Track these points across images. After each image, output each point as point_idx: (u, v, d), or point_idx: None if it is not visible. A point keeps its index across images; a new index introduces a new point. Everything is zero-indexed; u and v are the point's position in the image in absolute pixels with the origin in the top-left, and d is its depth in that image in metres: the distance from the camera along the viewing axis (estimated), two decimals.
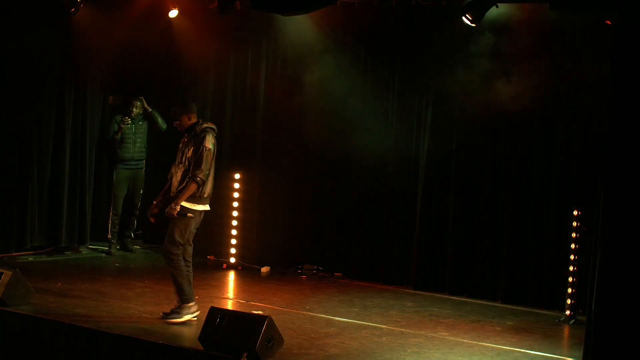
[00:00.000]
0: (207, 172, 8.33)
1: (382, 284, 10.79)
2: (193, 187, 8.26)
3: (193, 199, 8.32)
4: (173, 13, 11.50)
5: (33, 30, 10.97)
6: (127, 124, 11.70)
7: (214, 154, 8.42)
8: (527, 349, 8.14)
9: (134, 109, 11.78)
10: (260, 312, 8.22)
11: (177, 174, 8.43)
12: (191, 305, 8.37)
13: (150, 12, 11.58)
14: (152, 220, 8.67)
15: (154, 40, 11.81)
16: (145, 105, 11.86)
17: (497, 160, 10.13)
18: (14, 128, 11.08)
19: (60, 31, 11.19)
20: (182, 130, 8.55)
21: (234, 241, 11.57)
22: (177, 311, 8.33)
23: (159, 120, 11.88)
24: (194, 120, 8.55)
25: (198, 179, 8.25)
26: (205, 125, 8.51)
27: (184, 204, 8.27)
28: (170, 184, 8.51)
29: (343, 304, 9.68)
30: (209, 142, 8.37)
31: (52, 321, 7.99)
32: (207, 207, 8.54)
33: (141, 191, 12.07)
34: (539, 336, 8.70)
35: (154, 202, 8.62)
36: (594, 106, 9.34)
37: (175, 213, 8.25)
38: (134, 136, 11.80)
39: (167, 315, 8.35)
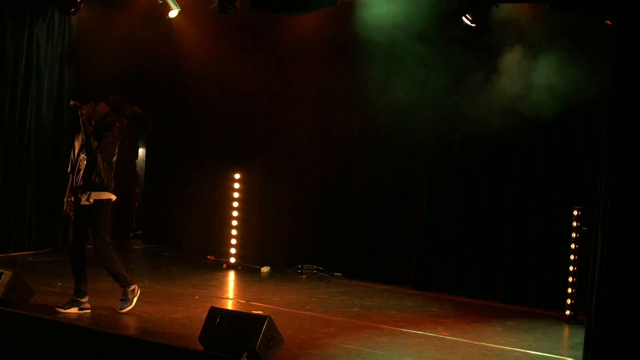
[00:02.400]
0: None
1: (382, 284, 10.80)
2: None
3: None
4: (173, 13, 11.49)
5: (33, 30, 10.98)
6: (125, 126, 11.72)
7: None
8: (527, 349, 8.13)
9: (132, 109, 11.79)
10: (260, 312, 8.22)
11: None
12: (133, 288, 8.57)
13: (150, 11, 11.58)
14: None
15: (154, 40, 11.81)
16: (136, 107, 11.84)
17: (497, 160, 10.13)
18: (13, 128, 11.07)
19: (60, 31, 11.20)
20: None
21: (234, 241, 11.58)
22: (128, 300, 8.52)
23: (148, 122, 11.91)
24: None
25: None
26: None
27: None
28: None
29: (343, 304, 9.68)
30: None
31: (52, 321, 7.99)
32: None
33: (137, 190, 12.09)
34: (539, 336, 8.70)
35: None
36: (594, 106, 9.34)
37: None
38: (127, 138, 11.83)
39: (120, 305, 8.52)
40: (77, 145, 8.55)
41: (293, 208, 11.52)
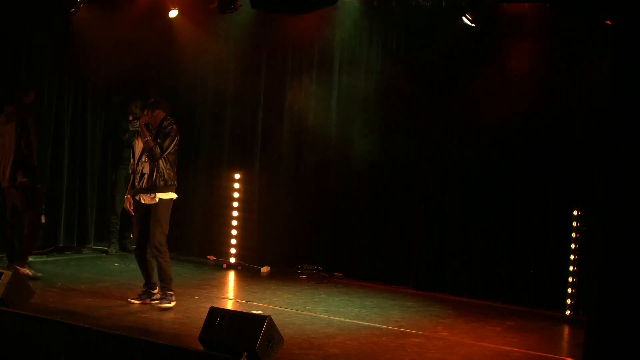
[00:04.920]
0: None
1: (382, 284, 10.80)
2: None
3: None
4: (173, 13, 11.50)
5: (33, 30, 10.97)
6: (136, 127, 11.73)
7: None
8: (527, 349, 8.13)
9: (136, 110, 11.78)
10: (260, 312, 8.22)
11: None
12: (172, 293, 8.92)
13: (150, 12, 11.58)
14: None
15: (154, 40, 11.81)
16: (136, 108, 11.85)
17: (497, 160, 10.13)
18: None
19: (60, 31, 11.19)
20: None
21: (234, 241, 11.58)
22: (170, 298, 8.84)
23: None
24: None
25: None
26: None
27: None
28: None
29: (343, 304, 9.68)
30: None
31: (52, 321, 7.98)
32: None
33: None
34: (539, 336, 8.70)
35: None
36: (593, 106, 9.34)
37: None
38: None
39: (162, 302, 8.81)
40: (137, 149, 8.91)
41: (293, 208, 11.52)
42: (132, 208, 8.94)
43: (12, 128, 9.72)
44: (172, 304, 8.82)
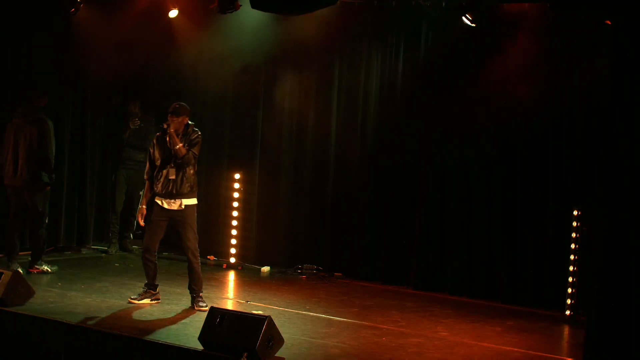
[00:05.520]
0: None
1: (382, 284, 10.80)
2: None
3: None
4: (173, 13, 11.50)
5: (33, 30, 10.97)
6: (137, 126, 11.74)
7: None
8: (527, 349, 8.13)
9: (136, 110, 11.79)
10: (260, 312, 8.22)
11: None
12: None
13: (150, 12, 11.58)
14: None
15: (154, 40, 11.81)
16: (136, 108, 11.84)
17: (497, 160, 10.13)
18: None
19: (60, 31, 11.19)
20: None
21: (234, 241, 11.58)
22: (203, 300, 8.93)
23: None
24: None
25: None
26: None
27: None
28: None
29: (343, 304, 9.68)
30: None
31: (52, 321, 7.99)
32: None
33: (140, 192, 12.05)
34: (539, 336, 8.70)
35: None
36: (593, 106, 9.34)
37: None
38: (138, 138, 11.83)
39: (198, 304, 8.89)
40: (157, 155, 8.88)
41: (293, 208, 11.52)
42: (143, 220, 8.91)
43: (30, 129, 9.90)
44: (207, 304, 8.83)
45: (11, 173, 9.96)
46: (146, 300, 8.95)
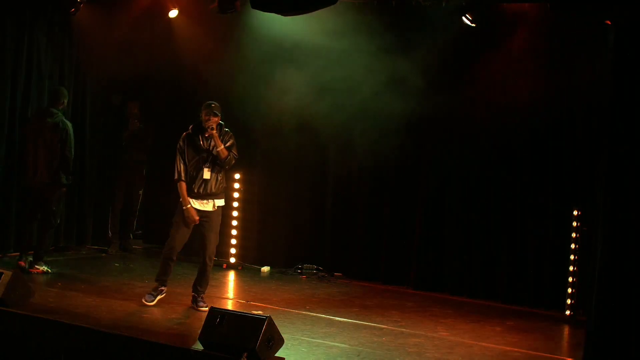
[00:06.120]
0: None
1: (382, 284, 10.80)
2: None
3: None
4: (173, 13, 11.50)
5: (33, 30, 10.97)
6: (137, 126, 11.74)
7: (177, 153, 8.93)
8: (527, 349, 8.14)
9: (136, 110, 11.79)
10: (260, 312, 8.22)
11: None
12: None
13: (150, 12, 11.57)
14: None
15: (154, 40, 11.80)
16: (136, 109, 11.84)
17: (497, 160, 10.14)
18: (13, 129, 11.06)
19: (60, 31, 11.20)
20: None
21: (234, 241, 11.58)
22: (204, 300, 8.95)
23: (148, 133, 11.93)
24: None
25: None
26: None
27: None
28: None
29: (343, 304, 9.69)
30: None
31: (52, 321, 7.98)
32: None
33: (140, 192, 12.07)
34: (539, 336, 8.70)
35: None
36: (593, 106, 9.34)
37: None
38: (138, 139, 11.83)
39: (198, 305, 8.90)
40: (189, 155, 8.87)
41: (293, 208, 11.52)
42: (190, 220, 8.91)
43: (50, 131, 10.01)
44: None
45: (30, 175, 10.07)
46: (159, 298, 8.98)
